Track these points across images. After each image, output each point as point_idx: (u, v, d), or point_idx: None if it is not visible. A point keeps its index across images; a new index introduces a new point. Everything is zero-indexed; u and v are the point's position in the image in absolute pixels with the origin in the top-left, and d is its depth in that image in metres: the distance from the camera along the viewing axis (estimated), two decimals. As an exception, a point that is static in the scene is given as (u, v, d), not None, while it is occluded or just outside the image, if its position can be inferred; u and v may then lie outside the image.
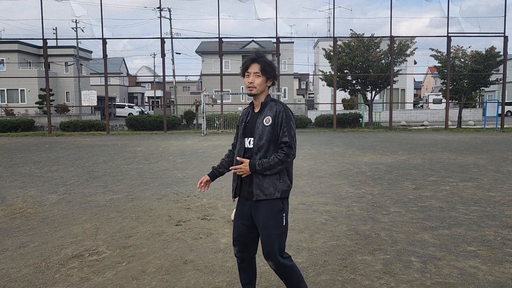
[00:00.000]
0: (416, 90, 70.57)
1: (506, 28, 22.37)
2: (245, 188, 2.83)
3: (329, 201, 6.36)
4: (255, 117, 2.82)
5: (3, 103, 38.45)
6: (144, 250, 4.35)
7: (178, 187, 7.61)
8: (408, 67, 35.02)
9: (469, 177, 8.25)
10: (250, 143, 2.81)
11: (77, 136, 20.55)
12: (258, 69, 2.73)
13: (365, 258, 4.05)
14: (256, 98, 2.83)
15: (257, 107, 2.85)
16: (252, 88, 2.75)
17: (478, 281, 3.53)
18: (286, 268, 2.79)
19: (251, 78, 2.74)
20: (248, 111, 2.89)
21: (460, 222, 5.20)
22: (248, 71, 2.76)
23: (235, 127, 2.92)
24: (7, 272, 3.82)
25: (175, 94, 42.58)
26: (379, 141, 16.14)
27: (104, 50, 22.16)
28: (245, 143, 2.83)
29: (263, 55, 2.81)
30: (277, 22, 22.66)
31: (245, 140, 2.84)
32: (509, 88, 42.54)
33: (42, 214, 5.80)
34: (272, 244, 2.73)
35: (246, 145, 2.83)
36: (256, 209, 2.78)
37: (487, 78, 23.44)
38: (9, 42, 38.97)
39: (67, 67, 43.37)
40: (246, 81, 2.77)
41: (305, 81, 72.59)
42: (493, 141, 16.06)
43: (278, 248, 2.75)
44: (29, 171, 9.57)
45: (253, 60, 2.75)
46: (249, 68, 2.75)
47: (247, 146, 2.82)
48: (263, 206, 2.75)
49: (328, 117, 24.48)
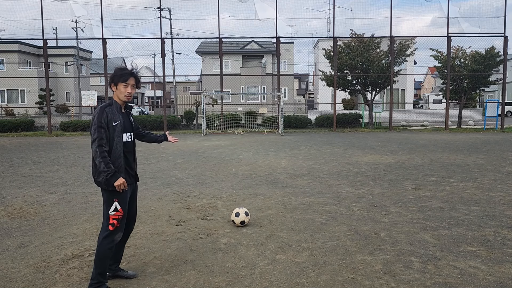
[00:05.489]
0: (416, 90, 70.60)
1: (506, 28, 22.40)
2: (133, 174, 3.56)
3: (329, 201, 6.36)
4: (126, 116, 3.51)
5: (3, 103, 38.46)
6: (144, 250, 4.35)
7: (178, 187, 7.61)
8: (408, 67, 35.02)
9: (469, 177, 8.25)
10: (129, 137, 3.50)
11: (77, 136, 20.55)
12: (134, 82, 3.45)
13: (365, 258, 4.05)
14: (126, 102, 3.51)
15: (123, 109, 3.51)
16: (130, 97, 3.47)
17: (478, 281, 3.53)
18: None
19: (130, 89, 3.42)
20: (114, 111, 3.38)
21: (460, 222, 5.20)
22: (127, 82, 3.41)
23: (98, 126, 3.28)
24: (7, 272, 3.82)
25: (175, 94, 42.60)
26: (379, 141, 16.14)
27: (104, 50, 22.16)
28: (124, 137, 3.43)
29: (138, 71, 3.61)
30: (277, 22, 22.71)
31: (123, 135, 3.42)
32: (509, 88, 42.54)
33: (42, 214, 5.80)
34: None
35: (126, 139, 3.44)
36: (136, 190, 3.66)
37: (487, 78, 23.43)
38: (9, 42, 38.99)
39: (67, 67, 43.39)
40: (125, 90, 3.41)
41: (305, 81, 72.60)
42: (493, 141, 16.06)
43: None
44: (29, 171, 9.57)
45: (131, 74, 3.43)
46: (128, 80, 3.41)
47: (128, 140, 3.47)
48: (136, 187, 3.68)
49: (328, 117, 24.48)
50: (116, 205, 3.33)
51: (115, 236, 3.38)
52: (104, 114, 3.30)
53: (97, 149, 3.23)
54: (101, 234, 3.38)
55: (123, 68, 3.49)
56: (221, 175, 8.78)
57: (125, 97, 3.43)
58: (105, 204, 3.38)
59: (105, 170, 3.22)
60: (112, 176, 3.25)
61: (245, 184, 7.82)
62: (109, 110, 3.35)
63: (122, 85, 3.40)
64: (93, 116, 3.32)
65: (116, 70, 3.45)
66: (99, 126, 3.26)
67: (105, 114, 3.30)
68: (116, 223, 3.34)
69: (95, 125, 3.26)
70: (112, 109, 3.38)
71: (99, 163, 3.23)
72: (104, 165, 3.22)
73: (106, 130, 3.29)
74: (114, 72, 3.44)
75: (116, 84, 3.41)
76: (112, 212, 3.33)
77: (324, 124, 24.57)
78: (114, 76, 3.40)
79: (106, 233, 3.34)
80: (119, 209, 3.34)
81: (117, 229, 3.36)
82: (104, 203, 3.40)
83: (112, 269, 3.61)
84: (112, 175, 3.25)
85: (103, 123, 3.28)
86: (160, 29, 49.66)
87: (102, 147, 3.24)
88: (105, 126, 3.28)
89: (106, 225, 3.36)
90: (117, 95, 3.43)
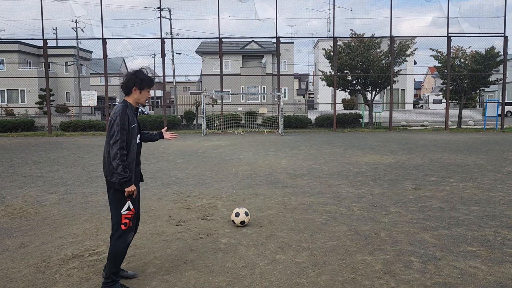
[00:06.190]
0: (416, 90, 70.56)
1: (506, 28, 22.41)
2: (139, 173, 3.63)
3: (329, 201, 6.36)
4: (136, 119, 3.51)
5: (3, 103, 38.46)
6: (144, 250, 4.36)
7: (178, 187, 7.61)
8: (408, 67, 35.02)
9: (469, 177, 8.25)
10: (139, 139, 3.51)
11: (77, 136, 20.55)
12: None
13: (365, 258, 4.05)
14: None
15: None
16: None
17: (478, 281, 3.53)
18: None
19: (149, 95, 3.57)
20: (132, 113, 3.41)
21: (460, 222, 5.20)
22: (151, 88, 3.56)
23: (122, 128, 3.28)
24: (7, 272, 3.82)
25: (175, 94, 42.62)
26: (379, 141, 16.14)
27: (104, 50, 22.16)
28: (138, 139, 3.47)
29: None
30: (277, 22, 22.71)
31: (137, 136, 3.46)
32: (509, 88, 42.54)
33: (42, 214, 5.80)
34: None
35: (137, 141, 3.47)
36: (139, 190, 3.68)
37: (487, 78, 23.44)
38: (9, 42, 38.97)
39: (67, 67, 43.37)
40: (148, 94, 3.52)
41: (305, 81, 72.58)
42: (493, 141, 16.06)
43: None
44: (29, 171, 9.57)
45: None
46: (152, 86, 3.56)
47: (138, 142, 3.49)
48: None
49: (328, 117, 24.48)
50: (129, 204, 3.36)
51: (128, 235, 3.41)
52: (126, 116, 3.32)
53: (118, 152, 3.22)
54: (113, 235, 3.38)
55: (146, 73, 3.50)
56: (221, 175, 8.78)
57: (145, 101, 3.53)
58: (117, 204, 3.37)
59: (122, 175, 3.23)
60: (127, 181, 3.27)
61: (245, 184, 7.82)
62: (129, 112, 3.37)
63: (147, 90, 3.48)
64: (114, 116, 3.30)
65: (143, 75, 3.45)
66: (122, 128, 3.26)
67: (126, 116, 3.32)
68: (128, 222, 3.37)
69: (118, 126, 3.25)
70: (130, 111, 3.39)
71: (117, 166, 3.22)
72: (122, 169, 3.23)
73: (128, 132, 3.30)
74: (141, 76, 3.43)
75: (142, 88, 3.44)
76: (125, 211, 3.35)
77: (324, 124, 24.57)
78: (143, 80, 3.42)
79: (119, 233, 3.36)
80: (131, 209, 3.37)
81: (130, 228, 3.40)
82: (114, 203, 3.39)
83: None
84: (128, 180, 3.27)
85: (126, 125, 3.29)
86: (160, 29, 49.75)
87: (123, 150, 3.25)
88: (127, 129, 3.30)
89: (118, 225, 3.36)
90: (138, 98, 3.45)
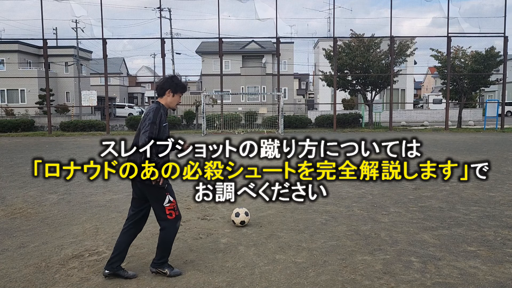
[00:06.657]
0: (416, 90, 70.53)
1: (506, 28, 22.39)
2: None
3: (329, 201, 6.36)
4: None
5: (3, 103, 38.42)
6: (144, 250, 4.36)
7: (178, 187, 7.61)
8: (408, 67, 35.00)
9: (469, 177, 8.23)
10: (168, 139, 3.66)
11: (77, 136, 20.54)
12: None
13: (365, 258, 4.05)
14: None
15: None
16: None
17: (478, 281, 3.53)
18: None
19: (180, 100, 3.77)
20: (164, 114, 3.59)
21: (460, 222, 5.20)
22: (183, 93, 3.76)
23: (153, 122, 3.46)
24: (7, 272, 3.82)
25: (175, 94, 42.50)
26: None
27: (104, 50, 22.14)
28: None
29: None
30: (277, 22, 22.70)
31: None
32: (509, 88, 42.54)
33: (42, 214, 5.80)
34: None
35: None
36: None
37: (487, 78, 23.43)
38: (9, 42, 38.94)
39: (67, 67, 43.33)
40: (179, 99, 3.73)
41: (305, 81, 72.53)
42: (493, 141, 16.06)
43: None
44: (29, 171, 9.56)
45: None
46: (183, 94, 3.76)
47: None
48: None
49: (328, 117, 24.47)
50: (169, 197, 3.57)
51: (177, 223, 3.64)
52: (160, 113, 3.51)
53: (147, 139, 3.36)
54: (164, 228, 3.60)
55: (181, 79, 3.76)
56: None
57: (176, 106, 3.76)
58: (157, 199, 3.56)
59: (149, 158, 3.35)
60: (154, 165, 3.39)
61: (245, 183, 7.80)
62: (162, 111, 3.57)
63: (179, 94, 3.70)
64: (148, 112, 3.51)
65: (178, 80, 3.70)
66: (153, 122, 3.44)
67: (160, 113, 3.51)
68: (173, 212, 3.59)
69: (149, 120, 3.44)
70: (163, 111, 3.60)
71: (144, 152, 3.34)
72: (149, 153, 3.36)
73: (158, 128, 3.45)
74: (176, 81, 3.67)
75: (175, 92, 3.66)
76: (167, 204, 3.56)
77: (324, 124, 24.56)
78: (177, 85, 3.65)
79: (167, 222, 3.58)
80: (172, 201, 3.58)
81: (177, 217, 3.63)
82: (154, 199, 3.58)
83: (114, 267, 3.62)
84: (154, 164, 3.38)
85: (157, 121, 3.47)
86: (160, 29, 49.75)
87: (151, 139, 3.40)
88: (158, 124, 3.46)
89: (164, 217, 3.58)
90: (170, 101, 3.67)
